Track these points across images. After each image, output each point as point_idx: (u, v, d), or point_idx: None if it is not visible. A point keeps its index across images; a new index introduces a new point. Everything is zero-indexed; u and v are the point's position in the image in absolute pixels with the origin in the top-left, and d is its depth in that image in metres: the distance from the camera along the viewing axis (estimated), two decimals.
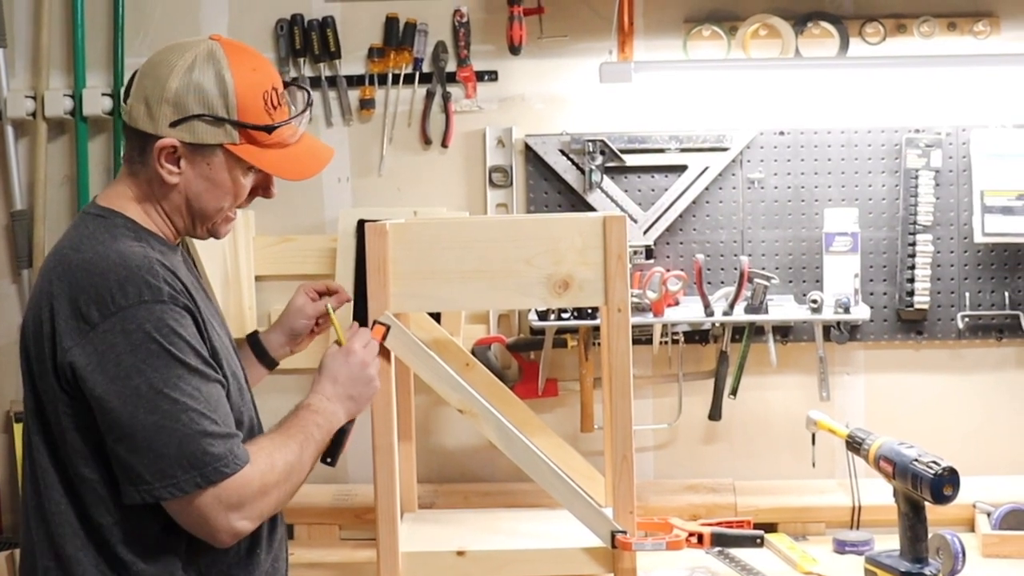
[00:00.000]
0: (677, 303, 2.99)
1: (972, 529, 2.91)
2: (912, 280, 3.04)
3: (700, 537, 2.52)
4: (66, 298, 1.84)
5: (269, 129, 1.97)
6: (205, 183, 1.97)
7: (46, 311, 1.86)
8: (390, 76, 3.13)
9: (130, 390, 1.80)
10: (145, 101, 1.93)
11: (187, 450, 1.80)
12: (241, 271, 3.10)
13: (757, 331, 3.04)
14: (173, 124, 1.92)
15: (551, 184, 3.10)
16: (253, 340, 2.48)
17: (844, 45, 3.02)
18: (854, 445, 2.65)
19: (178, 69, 1.93)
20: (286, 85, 2.07)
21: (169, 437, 1.80)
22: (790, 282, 3.07)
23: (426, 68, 3.13)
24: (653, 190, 3.08)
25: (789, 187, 3.07)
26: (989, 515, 2.88)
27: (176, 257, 2.03)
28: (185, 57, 1.94)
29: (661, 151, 3.06)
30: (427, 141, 3.14)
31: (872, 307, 3.02)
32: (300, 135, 2.05)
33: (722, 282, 3.07)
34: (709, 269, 3.06)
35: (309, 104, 2.08)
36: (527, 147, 3.10)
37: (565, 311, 2.93)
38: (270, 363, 2.49)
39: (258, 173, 2.02)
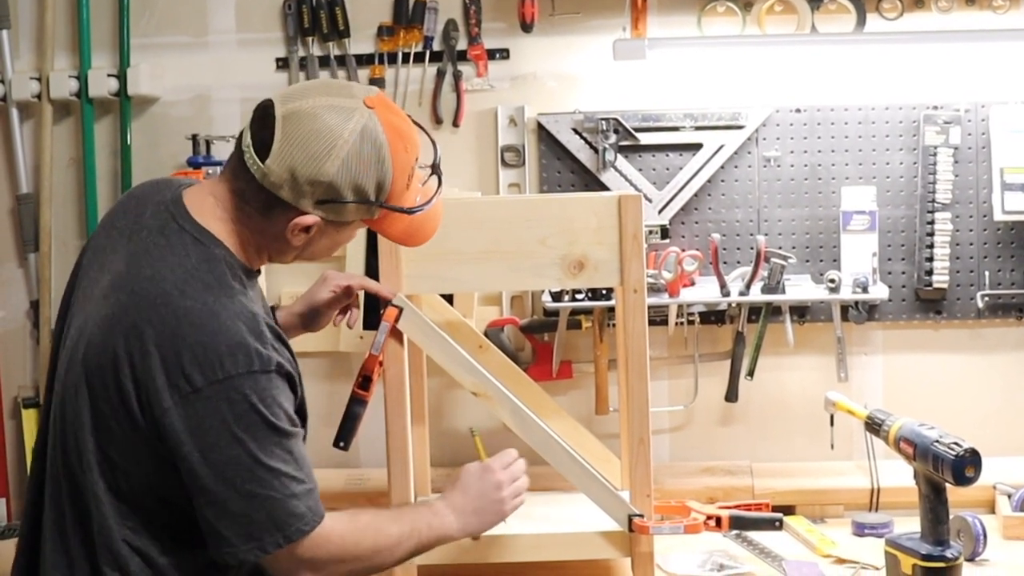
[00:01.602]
0: (693, 283, 2.96)
1: (992, 511, 2.87)
2: (931, 259, 3.00)
3: (718, 520, 2.50)
4: (167, 349, 1.75)
5: (412, 211, 1.90)
6: (327, 241, 1.91)
7: (136, 352, 1.76)
8: (400, 55, 3.09)
9: (228, 459, 1.76)
10: (292, 173, 1.79)
11: (275, 514, 1.79)
12: None
13: (774, 311, 3.01)
14: (319, 203, 1.82)
15: (564, 163, 3.07)
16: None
17: (861, 21, 2.98)
18: (873, 426, 2.61)
19: (337, 152, 1.79)
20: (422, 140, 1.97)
21: (261, 504, 1.78)
22: (807, 261, 3.03)
23: (436, 47, 3.10)
24: (668, 169, 3.04)
25: (806, 165, 3.03)
26: (1010, 497, 2.85)
27: (256, 287, 1.96)
28: (344, 134, 1.80)
29: (675, 129, 3.03)
30: (438, 120, 3.10)
31: (890, 286, 2.98)
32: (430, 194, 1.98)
33: (738, 262, 3.03)
34: (725, 249, 3.02)
35: (439, 172, 2.01)
36: (539, 126, 3.06)
37: (579, 292, 2.90)
38: None
39: None
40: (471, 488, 2.14)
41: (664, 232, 2.99)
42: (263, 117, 1.82)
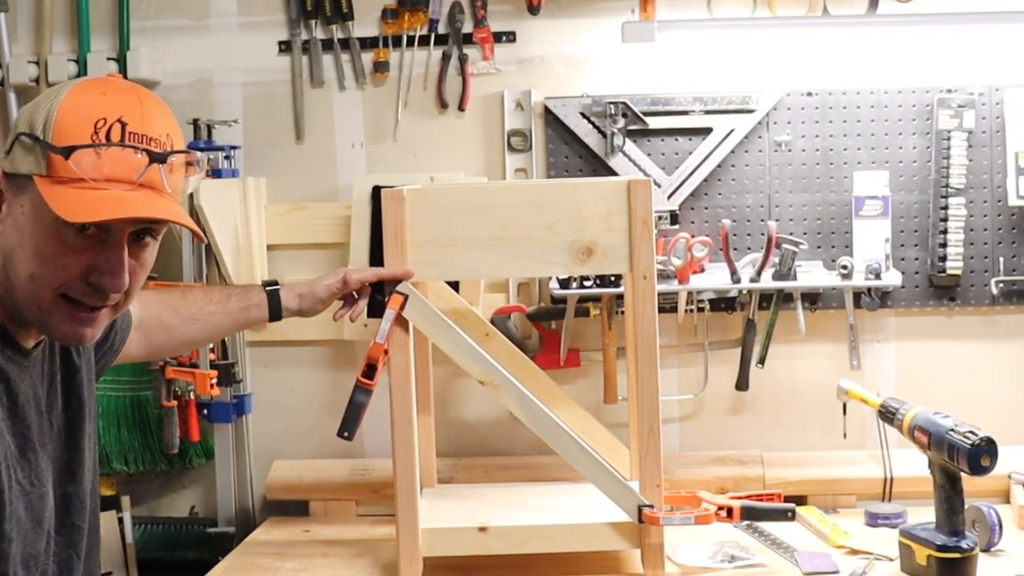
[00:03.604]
0: (703, 270, 2.92)
1: (1007, 500, 2.83)
2: (944, 245, 2.96)
3: (729, 511, 2.49)
4: None
5: (66, 152, 1.53)
6: (18, 234, 1.57)
7: None
8: (404, 38, 3.05)
9: None
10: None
11: None
12: (253, 240, 3.04)
13: (785, 298, 2.97)
14: (7, 152, 1.58)
15: (572, 148, 3.02)
16: (272, 294, 2.36)
17: (873, 2, 2.94)
18: (887, 415, 2.58)
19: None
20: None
21: None
22: (819, 247, 3.00)
23: (442, 29, 3.05)
24: (677, 153, 3.00)
25: (817, 149, 2.99)
26: None
27: (21, 364, 1.65)
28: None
29: (685, 113, 2.99)
30: (443, 105, 3.06)
31: (903, 273, 2.94)
32: (138, 187, 1.57)
33: (749, 248, 2.99)
34: (735, 235, 2.99)
35: (158, 158, 1.59)
36: (547, 110, 3.02)
37: (587, 279, 2.87)
38: (277, 319, 2.39)
39: (91, 237, 1.57)
40: None
41: (674, 218, 2.96)
42: None
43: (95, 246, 1.58)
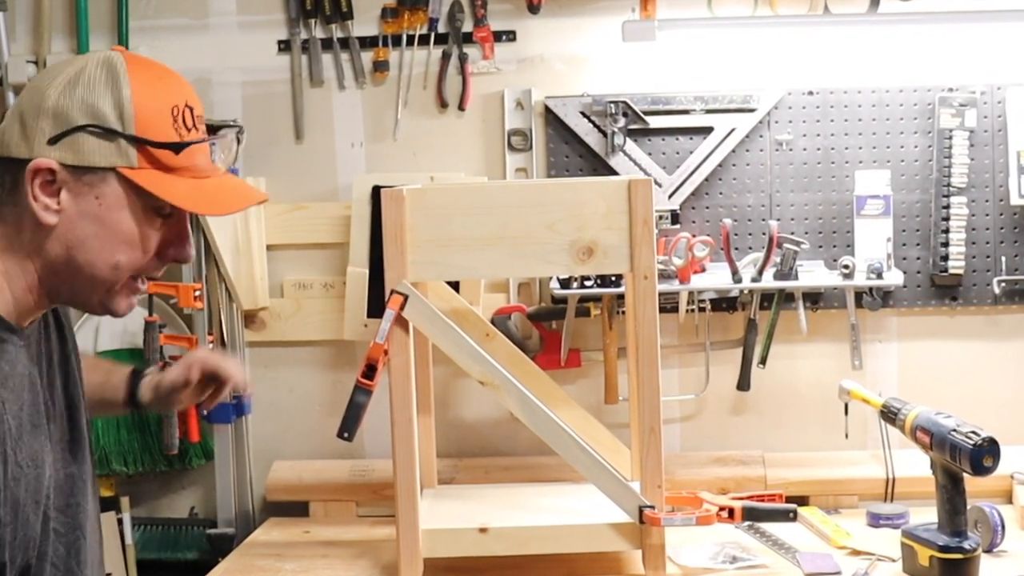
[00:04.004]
0: (704, 269, 2.92)
1: (1010, 501, 2.82)
2: (946, 244, 2.94)
3: (731, 511, 2.49)
4: None
5: (177, 148, 1.55)
6: (92, 225, 1.55)
7: None
8: (404, 37, 3.04)
9: None
10: (20, 118, 1.53)
11: None
12: (252, 240, 3.03)
13: (787, 298, 2.96)
14: (52, 141, 1.51)
15: (572, 148, 3.01)
16: (134, 381, 2.13)
17: (875, 1, 2.92)
18: (889, 415, 2.57)
19: (63, 77, 1.54)
20: (214, 130, 1.71)
21: None
22: (820, 247, 2.99)
23: (442, 28, 3.04)
24: (678, 153, 2.99)
25: (819, 149, 2.98)
26: None
27: (16, 344, 1.60)
28: (74, 65, 1.56)
29: (686, 112, 2.98)
30: (443, 104, 3.05)
31: (905, 272, 2.93)
32: (221, 172, 1.66)
33: (750, 247, 2.98)
34: (736, 234, 2.98)
35: (238, 140, 1.72)
36: (547, 109, 3.01)
37: (588, 279, 2.86)
38: (134, 407, 2.17)
39: (165, 217, 1.59)
40: None
41: (675, 217, 2.94)
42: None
43: (163, 223, 1.60)
